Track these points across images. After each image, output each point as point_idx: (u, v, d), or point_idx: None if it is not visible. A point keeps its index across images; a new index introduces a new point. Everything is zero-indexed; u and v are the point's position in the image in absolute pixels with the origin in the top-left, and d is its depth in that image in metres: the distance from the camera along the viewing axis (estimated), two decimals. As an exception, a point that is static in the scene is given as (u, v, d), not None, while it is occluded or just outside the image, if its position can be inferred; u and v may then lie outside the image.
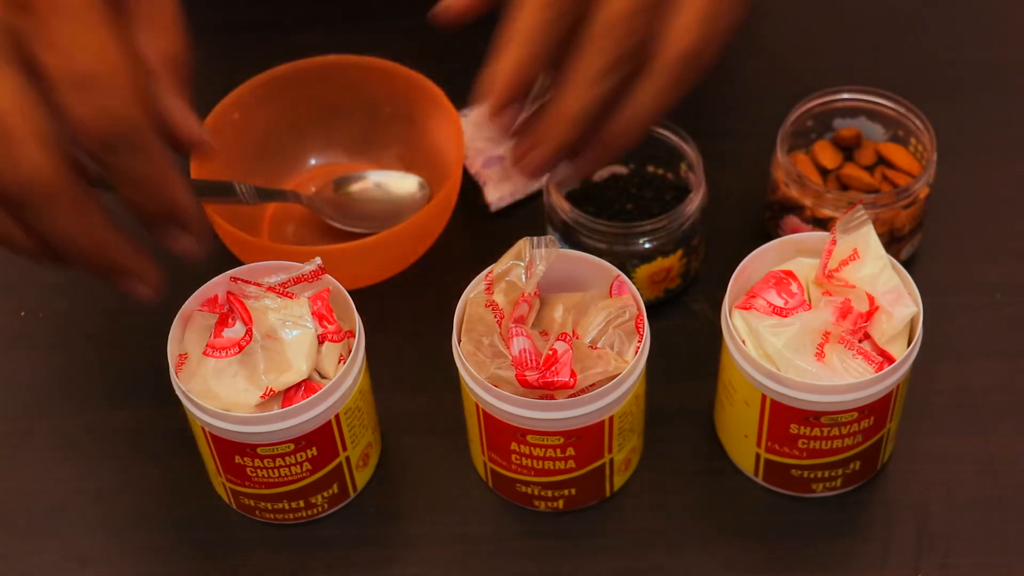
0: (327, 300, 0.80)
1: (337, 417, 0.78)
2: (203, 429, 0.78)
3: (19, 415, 0.89)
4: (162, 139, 0.68)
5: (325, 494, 0.82)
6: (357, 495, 0.84)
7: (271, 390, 0.76)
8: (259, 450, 0.78)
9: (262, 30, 1.09)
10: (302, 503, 0.82)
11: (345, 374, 0.78)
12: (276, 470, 0.79)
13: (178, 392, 0.77)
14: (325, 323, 0.79)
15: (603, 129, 0.77)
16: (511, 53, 0.74)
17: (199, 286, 0.80)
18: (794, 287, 0.80)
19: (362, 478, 0.84)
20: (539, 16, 0.73)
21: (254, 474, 0.79)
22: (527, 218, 0.96)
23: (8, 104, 0.63)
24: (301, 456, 0.79)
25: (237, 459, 0.79)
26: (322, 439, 0.78)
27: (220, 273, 0.81)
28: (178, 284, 0.83)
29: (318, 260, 0.80)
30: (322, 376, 0.79)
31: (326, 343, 0.79)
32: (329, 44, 0.97)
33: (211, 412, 0.76)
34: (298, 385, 0.78)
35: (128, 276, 0.70)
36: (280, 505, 0.82)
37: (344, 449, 0.80)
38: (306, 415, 0.77)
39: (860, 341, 0.79)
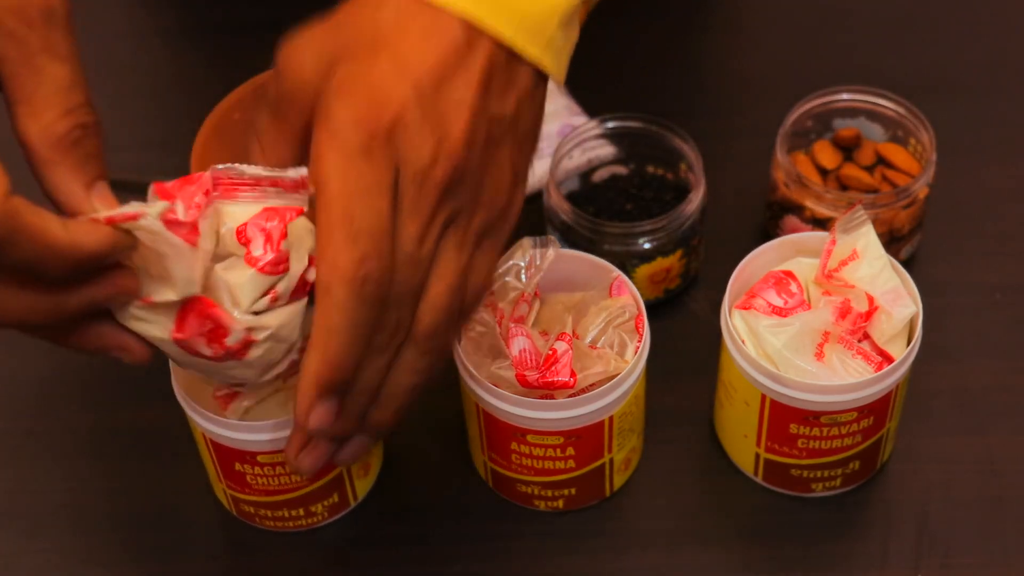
0: (287, 223, 0.66)
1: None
2: (204, 436, 0.78)
3: (19, 415, 0.89)
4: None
5: (325, 503, 0.82)
6: (358, 504, 0.84)
7: (148, 299, 0.65)
8: (259, 458, 0.77)
9: (262, 30, 1.09)
10: (302, 511, 0.82)
11: None
12: (276, 478, 0.79)
13: (179, 399, 0.77)
14: (267, 248, 0.66)
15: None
16: (325, 350, 0.65)
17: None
18: (794, 287, 0.80)
19: (363, 487, 0.84)
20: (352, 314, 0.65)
21: (254, 482, 0.79)
22: (527, 218, 0.96)
23: None
24: (301, 464, 0.79)
25: (237, 466, 0.78)
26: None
27: None
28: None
29: (303, 171, 0.66)
30: (235, 306, 0.66)
31: (252, 272, 0.66)
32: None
33: (212, 419, 0.76)
34: (193, 307, 0.65)
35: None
36: (280, 513, 0.82)
37: (344, 457, 0.80)
38: None
39: (859, 341, 0.79)
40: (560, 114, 0.99)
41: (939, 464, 0.85)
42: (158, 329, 0.66)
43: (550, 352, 0.77)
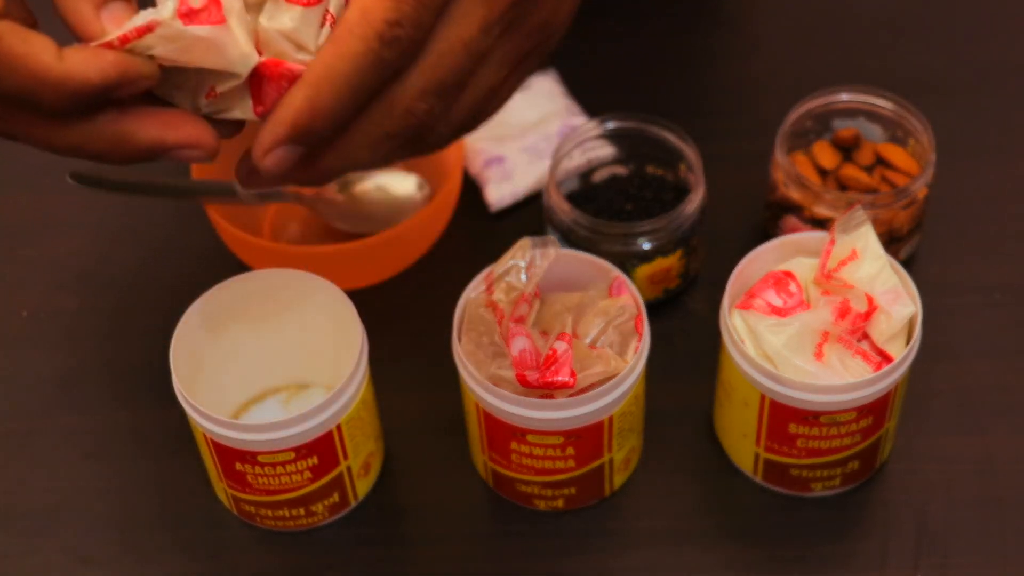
0: None
1: (339, 427, 0.78)
2: (204, 435, 0.78)
3: (20, 415, 0.89)
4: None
5: (326, 502, 0.82)
6: (358, 503, 0.85)
7: (214, 92, 0.60)
8: (260, 457, 0.77)
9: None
10: (302, 511, 0.82)
11: (348, 383, 0.77)
12: (276, 478, 0.79)
13: (180, 399, 0.77)
14: None
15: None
16: (316, 94, 0.59)
17: (203, 291, 0.80)
18: (793, 287, 0.80)
19: (363, 487, 0.84)
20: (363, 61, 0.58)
21: (255, 481, 0.79)
22: (527, 218, 0.96)
23: None
24: (302, 464, 0.78)
25: (238, 466, 0.79)
26: (323, 448, 0.78)
27: (224, 277, 0.81)
28: (183, 289, 0.84)
29: None
30: (301, 49, 0.61)
31: (299, 9, 0.60)
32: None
33: (213, 419, 0.76)
34: (262, 75, 0.60)
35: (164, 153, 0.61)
36: (280, 512, 0.82)
37: (345, 458, 0.80)
38: (307, 424, 0.76)
39: (859, 341, 0.79)
40: (560, 114, 1.00)
41: (939, 464, 0.85)
42: (239, 113, 0.62)
43: (550, 352, 0.77)
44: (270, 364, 0.86)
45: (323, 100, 0.58)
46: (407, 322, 0.92)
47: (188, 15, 0.57)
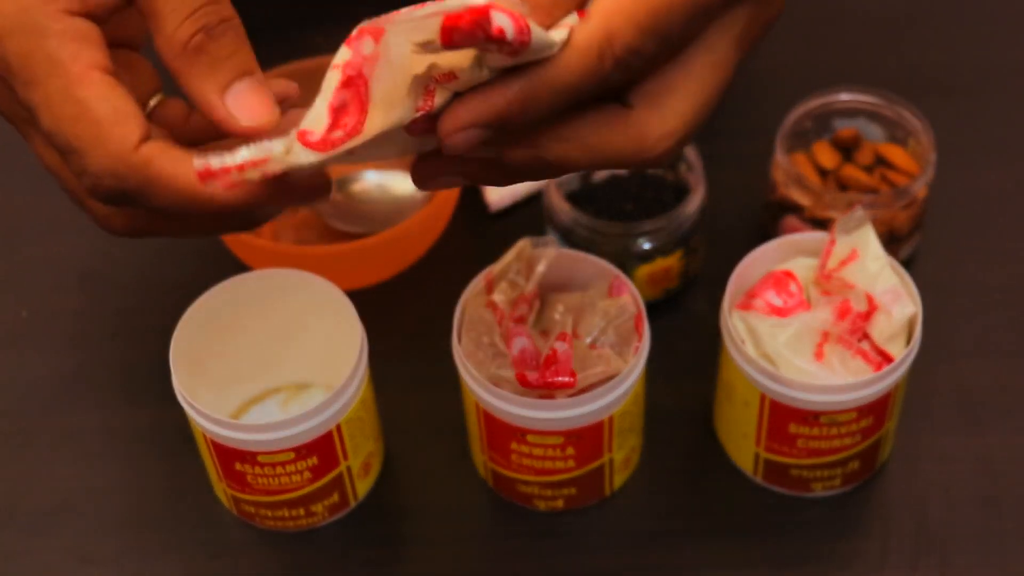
0: (453, 74, 0.57)
1: (339, 427, 0.78)
2: (204, 435, 0.78)
3: (20, 415, 0.89)
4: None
5: (325, 503, 0.82)
6: (358, 503, 0.85)
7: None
8: (259, 458, 0.77)
9: (263, 30, 1.09)
10: (302, 511, 0.82)
11: (348, 383, 0.77)
12: (276, 478, 0.79)
13: (180, 399, 0.77)
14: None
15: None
16: (532, 89, 0.59)
17: (203, 291, 0.80)
18: (793, 287, 0.80)
19: (363, 487, 0.84)
20: None
21: (254, 481, 0.79)
22: (527, 218, 0.96)
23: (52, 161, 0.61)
24: (301, 465, 0.78)
25: (237, 466, 0.79)
26: (323, 448, 0.78)
27: (224, 277, 0.81)
28: (183, 289, 0.84)
29: None
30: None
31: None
32: (330, 44, 0.97)
33: (213, 419, 0.76)
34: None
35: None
36: (280, 513, 0.82)
37: (345, 458, 0.80)
38: (307, 424, 0.76)
39: (859, 341, 0.79)
40: (560, 114, 0.99)
41: (938, 464, 0.85)
42: (405, 114, 0.59)
43: (550, 352, 0.77)
44: (270, 364, 0.86)
45: (538, 97, 0.58)
46: (407, 322, 0.92)
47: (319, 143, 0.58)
